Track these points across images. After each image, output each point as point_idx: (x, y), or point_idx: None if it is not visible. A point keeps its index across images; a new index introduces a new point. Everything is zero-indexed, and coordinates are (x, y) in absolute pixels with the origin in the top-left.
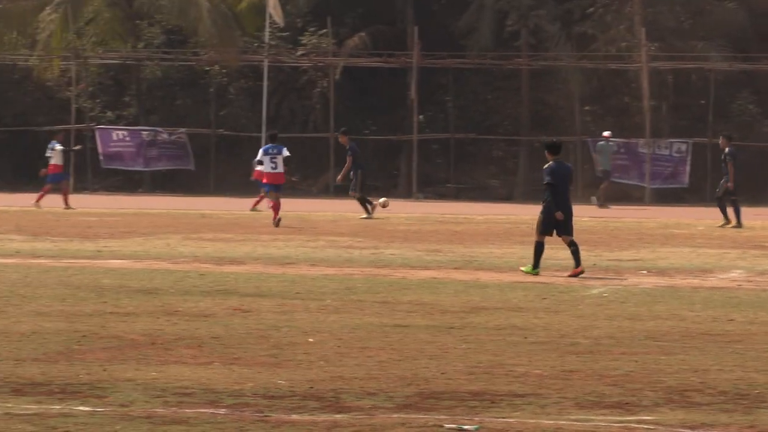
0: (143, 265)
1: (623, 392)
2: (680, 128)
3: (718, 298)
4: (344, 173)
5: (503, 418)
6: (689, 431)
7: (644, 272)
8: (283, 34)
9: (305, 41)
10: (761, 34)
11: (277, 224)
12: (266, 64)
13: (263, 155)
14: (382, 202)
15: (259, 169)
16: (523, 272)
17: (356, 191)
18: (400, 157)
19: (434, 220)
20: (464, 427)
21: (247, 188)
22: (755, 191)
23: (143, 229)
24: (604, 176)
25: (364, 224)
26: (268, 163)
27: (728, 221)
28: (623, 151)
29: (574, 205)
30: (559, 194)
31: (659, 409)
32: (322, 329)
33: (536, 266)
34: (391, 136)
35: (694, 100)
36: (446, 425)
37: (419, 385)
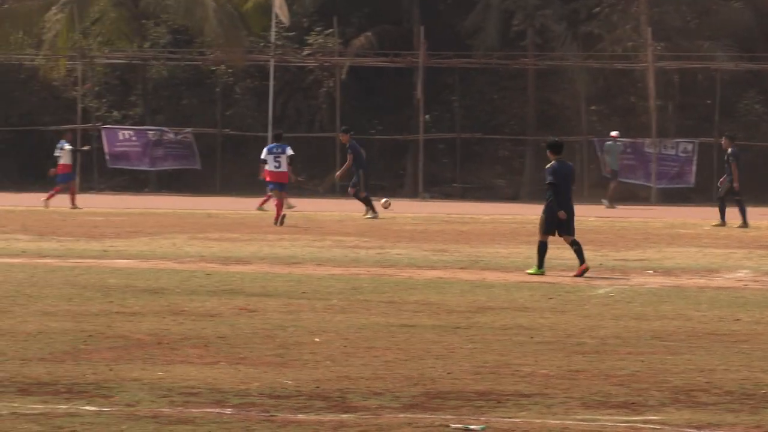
0: (149, 264)
1: (629, 392)
2: (686, 128)
3: (724, 298)
4: (344, 171)
5: (509, 418)
6: (695, 431)
7: (650, 272)
8: (289, 33)
9: (311, 41)
10: (767, 33)
11: (281, 222)
12: (272, 63)
13: (267, 154)
14: (384, 202)
15: (270, 168)
16: (529, 275)
17: (360, 190)
18: (406, 156)
19: (440, 219)
20: (470, 427)
21: (253, 188)
22: (761, 191)
23: (149, 228)
24: (612, 176)
25: (370, 224)
26: (271, 162)
27: (723, 223)
28: (629, 150)
29: (580, 205)
30: (561, 194)
31: (665, 409)
32: (328, 329)
33: (540, 266)
34: (397, 135)
35: (700, 99)
36: (452, 425)
37: (425, 384)
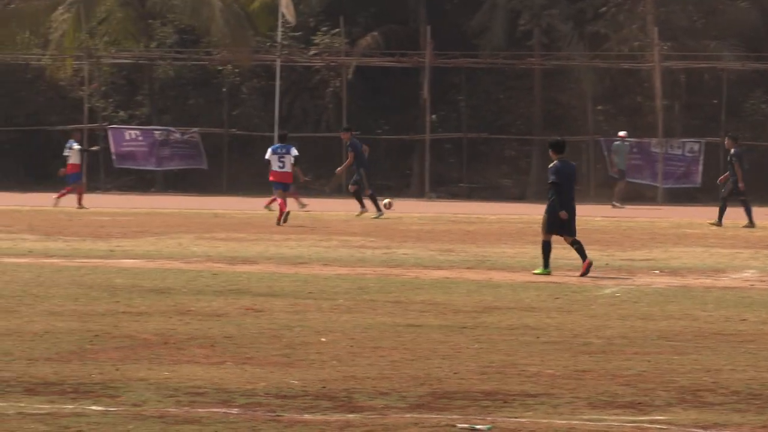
0: (156, 264)
1: (636, 392)
2: (693, 128)
3: (730, 297)
4: (344, 167)
5: (516, 417)
6: (702, 431)
7: (657, 272)
8: (295, 33)
9: (318, 41)
10: None
11: (284, 220)
12: (279, 63)
13: (271, 154)
14: (386, 202)
15: (274, 168)
16: (535, 275)
17: (365, 188)
18: (412, 156)
19: (447, 219)
20: (477, 426)
21: (259, 188)
22: (767, 191)
23: (156, 228)
24: (619, 176)
25: (376, 224)
26: (275, 162)
27: (720, 224)
28: (636, 150)
29: (586, 205)
30: (563, 193)
31: (672, 409)
32: (334, 329)
33: (546, 266)
34: (403, 135)
35: (706, 99)
36: (459, 425)
37: (432, 384)
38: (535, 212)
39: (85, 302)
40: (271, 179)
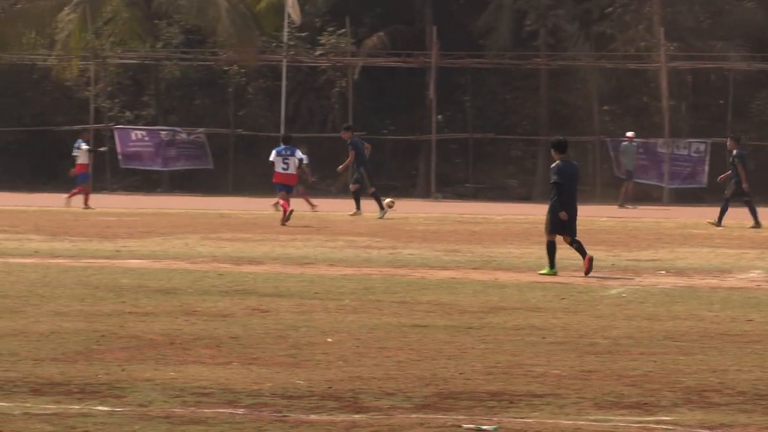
0: (162, 264)
1: (642, 392)
2: (699, 128)
3: (736, 298)
4: (346, 166)
5: (522, 418)
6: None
7: (663, 272)
8: (301, 34)
9: (324, 41)
10: None
11: (286, 220)
12: (285, 63)
13: (276, 156)
14: (388, 202)
15: (278, 170)
16: (541, 275)
17: (367, 186)
18: (418, 157)
19: (453, 220)
20: (483, 427)
21: (265, 188)
22: None
23: (162, 229)
24: (627, 177)
25: (381, 224)
26: (279, 163)
27: (720, 223)
28: (642, 151)
29: (592, 205)
30: (564, 194)
31: (678, 409)
32: (340, 329)
33: (552, 266)
34: (409, 136)
35: (713, 99)
36: (465, 425)
37: (438, 385)
38: (541, 212)
39: (91, 302)
40: (274, 181)
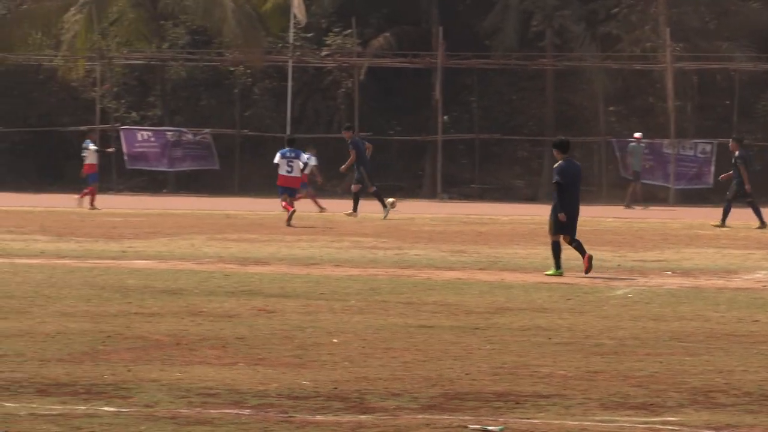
0: (168, 265)
1: (648, 393)
2: (705, 129)
3: (742, 299)
4: (348, 165)
5: (528, 419)
6: None
7: (669, 273)
8: (307, 34)
9: (330, 42)
10: None
11: (288, 221)
12: (291, 64)
13: (280, 158)
14: (390, 202)
15: (282, 173)
16: (547, 276)
17: (368, 185)
18: (424, 157)
19: (459, 220)
20: (489, 428)
21: (271, 189)
22: None
23: (168, 229)
24: (634, 178)
25: (387, 225)
26: (284, 166)
27: (723, 225)
28: (647, 151)
29: (598, 206)
30: (566, 194)
31: (684, 410)
32: (346, 330)
33: (558, 266)
34: (415, 136)
35: (718, 100)
36: (471, 426)
37: (444, 385)
38: (547, 213)
39: (97, 303)
40: (278, 184)
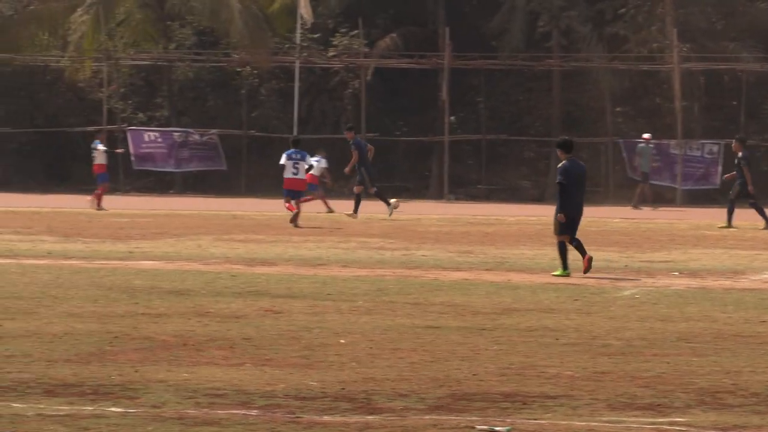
0: (175, 266)
1: (655, 394)
2: (712, 129)
3: (750, 299)
4: (351, 166)
5: (535, 419)
6: None
7: (676, 274)
8: (314, 35)
9: (336, 42)
10: None
11: (291, 221)
12: (298, 65)
13: (286, 160)
14: (393, 202)
15: (288, 175)
16: (554, 276)
17: (369, 186)
18: (431, 158)
19: (465, 221)
20: (496, 428)
21: (278, 189)
22: None
23: (175, 230)
24: (643, 179)
25: (395, 225)
26: (290, 168)
27: (730, 225)
28: (655, 152)
29: (605, 206)
30: (568, 194)
31: (691, 410)
32: (353, 330)
33: (565, 267)
34: (422, 137)
35: (726, 101)
36: (478, 427)
37: (451, 386)
38: (554, 214)
39: (104, 304)
40: (284, 187)
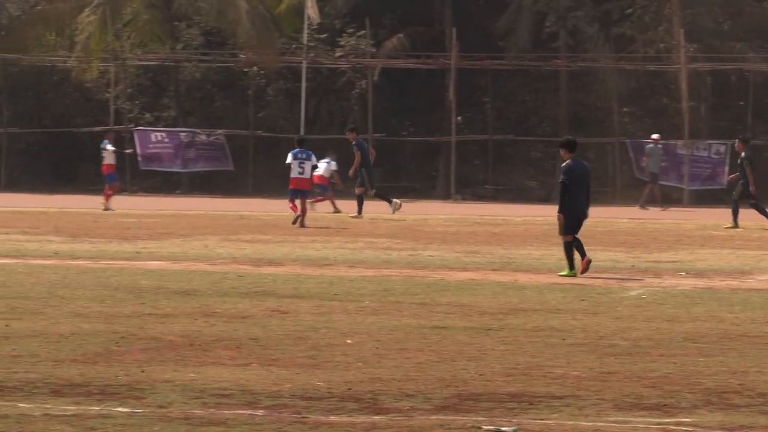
0: (181, 266)
1: (662, 394)
2: (719, 129)
3: (756, 299)
4: (355, 167)
5: (541, 419)
6: None
7: (683, 274)
8: (321, 35)
9: (343, 43)
10: None
11: (296, 223)
12: (305, 65)
13: (293, 159)
14: (395, 203)
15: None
16: (561, 276)
17: (369, 188)
18: (438, 158)
19: (472, 221)
20: (502, 428)
21: (285, 190)
22: None
23: (181, 230)
24: (651, 180)
25: (401, 226)
26: (296, 167)
27: (736, 225)
28: (662, 152)
29: (612, 207)
30: (570, 193)
31: (698, 411)
32: (360, 330)
33: (572, 267)
34: (429, 137)
35: (733, 101)
36: (484, 427)
37: (457, 386)
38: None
39: (110, 304)
40: (291, 187)
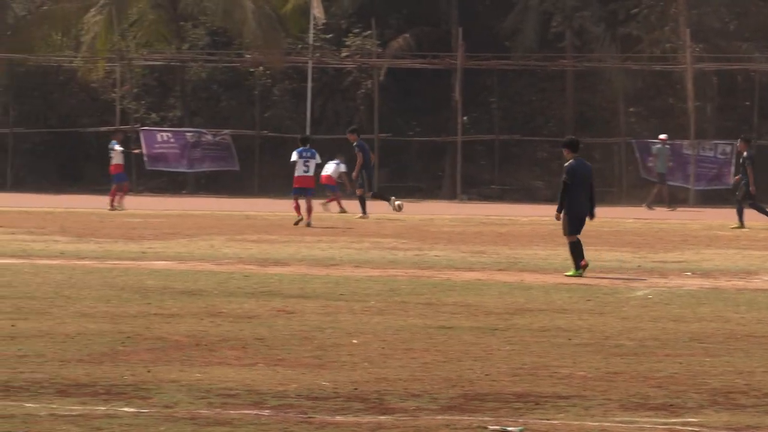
0: (187, 266)
1: (668, 394)
2: (725, 130)
3: (762, 299)
4: (358, 169)
5: (547, 419)
6: None
7: (689, 274)
8: (327, 35)
9: (349, 43)
10: None
11: (295, 224)
12: (311, 65)
13: (298, 158)
14: (396, 204)
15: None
16: (567, 276)
17: (367, 190)
18: (444, 158)
19: (478, 221)
20: (508, 428)
21: (291, 190)
22: None
23: (187, 230)
24: (659, 180)
25: (407, 226)
26: (301, 166)
27: (742, 225)
28: (669, 152)
29: (618, 207)
30: (572, 193)
31: (704, 411)
32: (366, 330)
33: (578, 267)
34: (435, 137)
35: (739, 101)
36: (491, 427)
37: (463, 386)
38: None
39: (116, 304)
40: (295, 186)
